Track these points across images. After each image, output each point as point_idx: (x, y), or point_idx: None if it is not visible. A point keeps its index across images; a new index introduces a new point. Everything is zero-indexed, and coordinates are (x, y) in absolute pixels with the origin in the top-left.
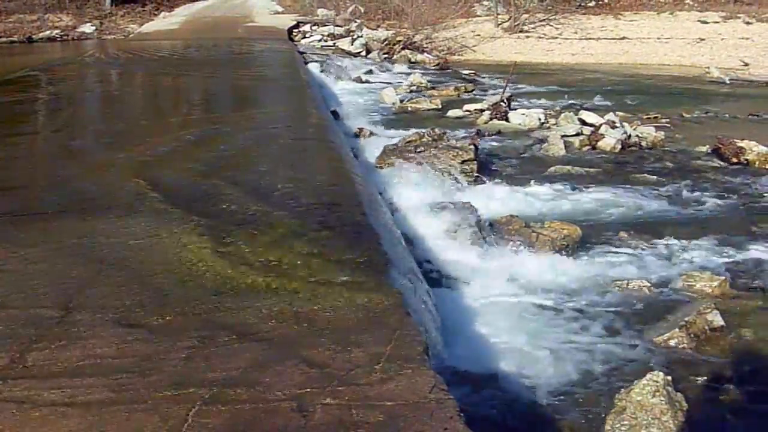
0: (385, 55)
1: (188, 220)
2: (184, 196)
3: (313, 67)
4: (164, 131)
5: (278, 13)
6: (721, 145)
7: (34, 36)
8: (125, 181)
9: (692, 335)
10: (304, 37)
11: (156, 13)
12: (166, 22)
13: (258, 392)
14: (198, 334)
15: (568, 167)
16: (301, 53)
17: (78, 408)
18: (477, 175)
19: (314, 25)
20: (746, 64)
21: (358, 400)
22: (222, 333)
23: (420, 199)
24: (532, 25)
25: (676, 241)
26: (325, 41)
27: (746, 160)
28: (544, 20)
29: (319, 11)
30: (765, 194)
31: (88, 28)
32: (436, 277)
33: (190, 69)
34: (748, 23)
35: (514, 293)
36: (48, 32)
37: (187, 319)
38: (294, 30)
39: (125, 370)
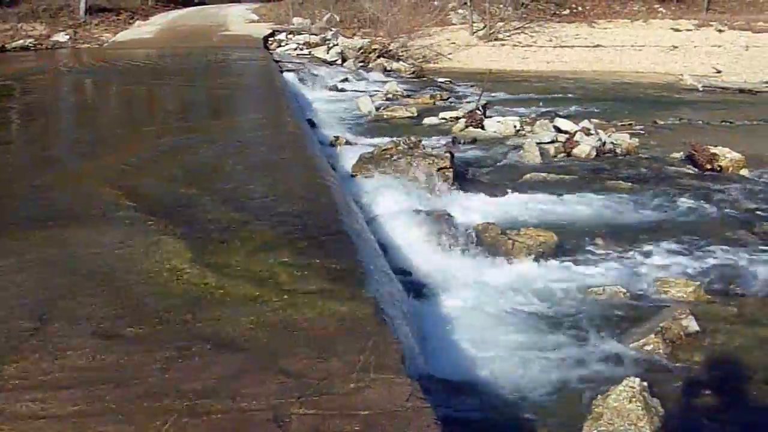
0: (361, 64)
1: (164, 229)
2: (161, 206)
3: (289, 76)
4: (140, 140)
5: (253, 21)
6: (694, 152)
7: (7, 45)
8: (100, 190)
9: (668, 341)
10: (280, 46)
11: (131, 21)
12: (141, 30)
13: (234, 403)
14: (174, 345)
15: (544, 174)
16: (277, 62)
17: (53, 420)
18: (453, 182)
19: (290, 33)
20: (719, 72)
21: (334, 409)
22: (198, 343)
23: (396, 207)
24: (507, 34)
25: (651, 247)
26: (301, 50)
27: (719, 166)
28: (518, 28)
29: (295, 20)
30: (738, 200)
31: (62, 37)
32: (413, 285)
33: (165, 78)
34: (720, 31)
35: (490, 300)
36: (21, 41)
37: (163, 330)
38: (269, 38)
39: (101, 382)
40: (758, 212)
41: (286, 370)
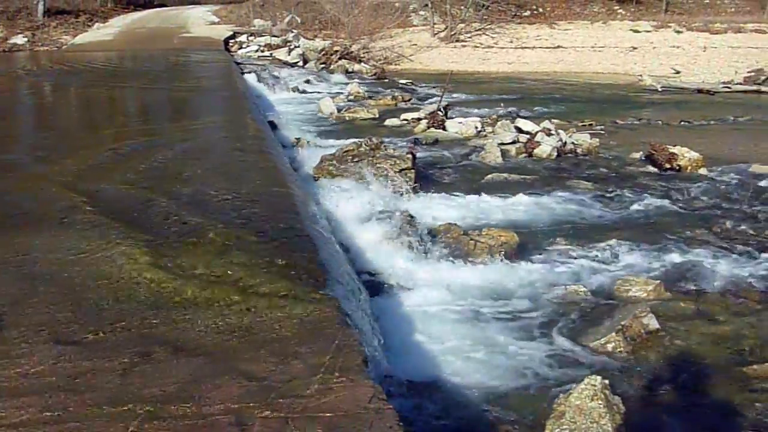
0: (323, 65)
1: (124, 233)
2: (120, 209)
3: (250, 78)
4: (99, 143)
5: (214, 23)
6: (654, 151)
7: None
8: (59, 194)
9: (629, 339)
10: (241, 48)
11: (90, 24)
12: (100, 33)
13: (196, 407)
14: (134, 350)
15: (505, 175)
16: (238, 64)
17: (10, 429)
18: (415, 183)
19: (251, 35)
20: (677, 72)
21: (297, 412)
22: (159, 348)
23: (358, 209)
24: (468, 35)
25: (611, 246)
26: (262, 51)
27: (678, 165)
28: (479, 30)
29: (256, 22)
30: (696, 199)
31: (20, 39)
32: (376, 287)
33: (125, 80)
34: (678, 32)
35: (453, 301)
36: None
37: (123, 335)
38: (230, 40)
39: (59, 389)
40: (716, 211)
41: (249, 373)
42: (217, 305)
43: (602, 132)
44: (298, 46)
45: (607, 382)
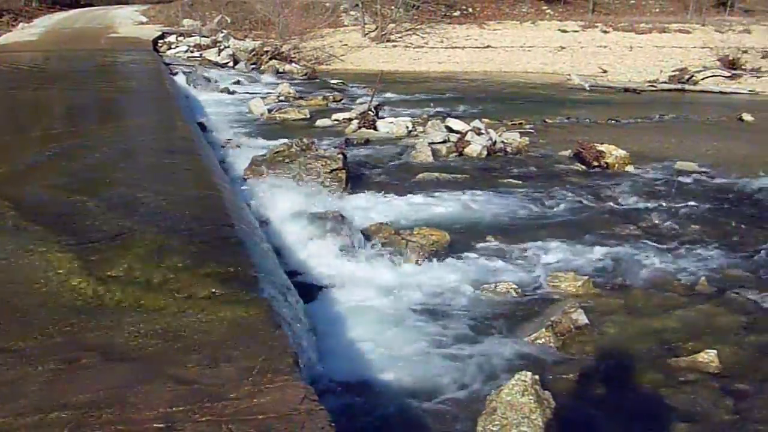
0: (253, 66)
1: (51, 237)
2: (47, 213)
3: (179, 79)
4: (24, 146)
5: (142, 23)
6: (582, 150)
7: None
8: None
9: (558, 334)
10: (170, 48)
11: (14, 24)
12: (25, 33)
13: (125, 413)
14: (61, 356)
15: (436, 174)
16: (167, 64)
17: None
18: (346, 184)
19: (180, 35)
20: (605, 71)
21: (228, 415)
22: (87, 354)
23: (289, 210)
24: (399, 35)
25: (541, 243)
26: (192, 52)
27: (606, 163)
28: (410, 30)
29: (185, 22)
30: (623, 196)
31: None
32: (307, 288)
33: (51, 82)
34: (605, 32)
35: (385, 300)
36: None
37: (49, 341)
38: (159, 41)
39: None
40: (642, 207)
41: (179, 377)
42: (147, 309)
43: (532, 131)
44: (228, 47)
45: (537, 377)
